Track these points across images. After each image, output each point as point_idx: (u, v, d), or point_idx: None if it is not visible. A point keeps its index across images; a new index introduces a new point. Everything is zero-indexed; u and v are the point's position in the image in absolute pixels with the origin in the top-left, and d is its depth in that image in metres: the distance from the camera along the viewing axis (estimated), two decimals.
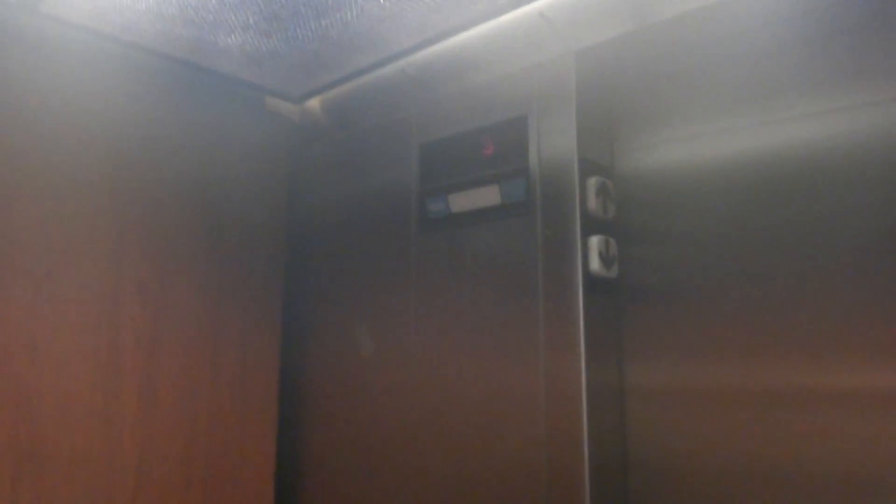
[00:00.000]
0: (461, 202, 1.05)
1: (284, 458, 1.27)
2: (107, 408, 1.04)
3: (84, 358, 1.02)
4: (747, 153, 0.89)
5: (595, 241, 0.93)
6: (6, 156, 0.97)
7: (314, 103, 1.32)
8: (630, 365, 0.96)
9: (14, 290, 0.96)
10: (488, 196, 1.02)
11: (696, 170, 0.94)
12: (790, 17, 0.87)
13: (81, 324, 1.02)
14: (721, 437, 0.86)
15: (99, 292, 1.05)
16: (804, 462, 0.80)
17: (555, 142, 0.97)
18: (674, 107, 0.97)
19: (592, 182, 0.94)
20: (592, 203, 0.94)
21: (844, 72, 0.82)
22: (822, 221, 0.82)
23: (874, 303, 0.77)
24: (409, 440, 1.07)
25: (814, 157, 0.84)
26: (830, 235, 0.81)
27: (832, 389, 0.79)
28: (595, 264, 0.92)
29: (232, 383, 1.20)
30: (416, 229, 1.11)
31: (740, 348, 0.86)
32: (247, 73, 1.22)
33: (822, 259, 0.81)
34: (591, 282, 0.92)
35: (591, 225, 0.94)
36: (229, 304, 1.21)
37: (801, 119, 0.85)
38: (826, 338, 0.80)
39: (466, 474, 0.98)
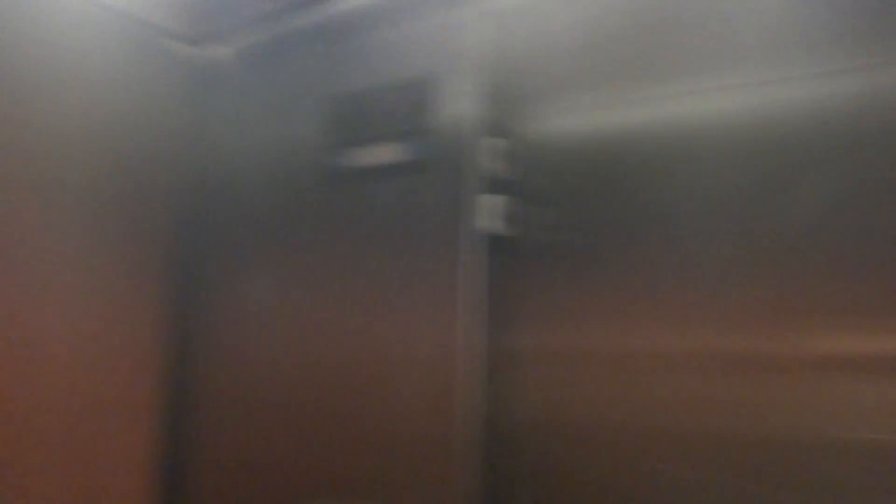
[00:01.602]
0: (366, 157, 1.06)
1: (179, 410, 1.25)
2: None
3: None
4: (646, 123, 0.93)
5: (492, 200, 0.95)
6: None
7: (221, 49, 1.28)
8: (519, 322, 1.00)
9: None
10: (393, 152, 1.03)
11: (598, 137, 0.98)
12: None
13: None
14: (598, 397, 0.91)
15: None
16: (674, 423, 0.84)
17: (460, 102, 0.98)
18: (580, 76, 1.00)
19: (494, 143, 0.97)
20: (493, 163, 0.97)
21: (772, 43, 0.87)
22: (718, 190, 0.87)
23: (761, 260, 0.83)
24: (306, 390, 1.08)
25: (717, 127, 0.88)
26: (728, 205, 0.86)
27: (716, 354, 0.83)
28: (492, 222, 0.95)
29: (120, 320, 1.18)
30: (322, 182, 1.11)
31: (624, 308, 0.91)
32: (148, 12, 1.17)
33: (711, 224, 0.86)
34: (488, 239, 0.95)
35: (491, 185, 0.97)
36: (121, 251, 1.19)
37: (703, 93, 0.90)
38: (708, 303, 0.85)
39: (361, 424, 1.00)
